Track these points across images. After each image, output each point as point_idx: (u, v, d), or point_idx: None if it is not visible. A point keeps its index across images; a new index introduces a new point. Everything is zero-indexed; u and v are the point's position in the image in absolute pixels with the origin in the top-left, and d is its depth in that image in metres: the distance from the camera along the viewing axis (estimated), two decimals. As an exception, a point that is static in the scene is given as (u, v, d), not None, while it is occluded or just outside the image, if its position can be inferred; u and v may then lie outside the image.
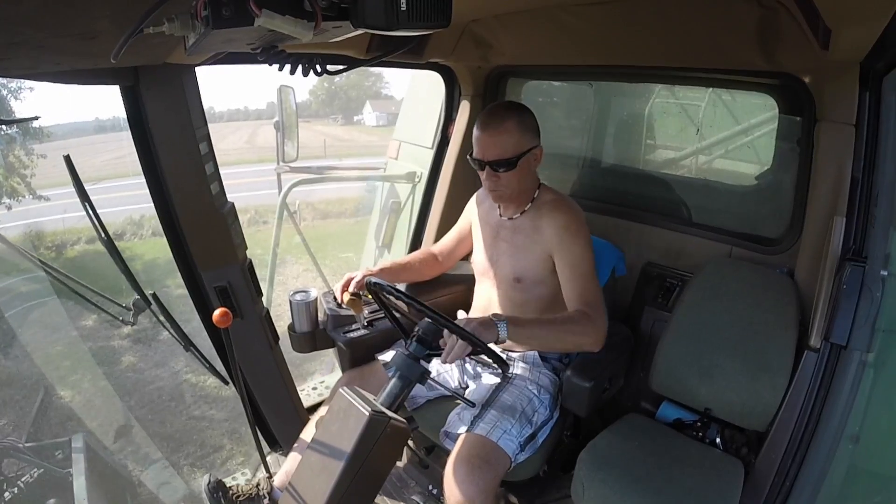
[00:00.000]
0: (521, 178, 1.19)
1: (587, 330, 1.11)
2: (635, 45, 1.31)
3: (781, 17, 1.04)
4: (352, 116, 28.80)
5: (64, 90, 3.34)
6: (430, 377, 1.02)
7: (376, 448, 0.91)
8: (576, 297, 1.17)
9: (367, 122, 26.76)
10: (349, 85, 29.55)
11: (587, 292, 1.16)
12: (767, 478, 1.04)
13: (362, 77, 29.07)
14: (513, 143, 1.16)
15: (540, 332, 1.11)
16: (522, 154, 1.17)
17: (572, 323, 1.12)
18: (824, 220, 1.10)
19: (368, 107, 27.47)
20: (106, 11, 0.62)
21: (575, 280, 1.18)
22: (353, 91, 29.64)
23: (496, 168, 1.17)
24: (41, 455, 1.94)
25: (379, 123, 25.31)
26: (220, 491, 1.18)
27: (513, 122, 1.17)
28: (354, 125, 26.17)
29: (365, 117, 27.48)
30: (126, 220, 8.42)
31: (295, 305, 1.40)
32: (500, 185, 1.19)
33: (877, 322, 0.92)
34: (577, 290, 1.17)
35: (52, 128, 9.83)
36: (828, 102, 1.12)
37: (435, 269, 1.49)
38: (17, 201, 6.84)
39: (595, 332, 1.12)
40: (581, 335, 1.11)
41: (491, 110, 1.22)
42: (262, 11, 0.51)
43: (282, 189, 2.61)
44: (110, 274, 1.18)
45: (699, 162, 1.78)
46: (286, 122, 2.36)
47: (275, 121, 2.36)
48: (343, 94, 29.94)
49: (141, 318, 1.20)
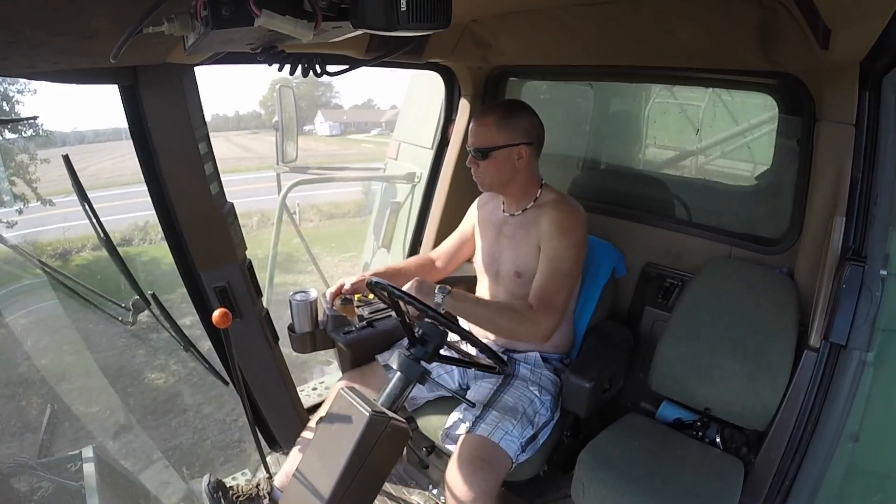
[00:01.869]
0: (497, 170, 1.24)
1: (524, 320, 1.15)
2: (635, 45, 1.31)
3: (781, 17, 1.04)
4: (302, 126, 28.88)
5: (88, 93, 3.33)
6: (430, 377, 1.02)
7: (376, 448, 0.91)
8: (536, 288, 1.19)
9: (318, 131, 26.82)
10: (299, 95, 29.45)
11: (547, 289, 1.18)
12: (767, 477, 1.04)
13: (312, 87, 29.31)
14: (489, 136, 1.22)
15: (475, 309, 1.18)
16: (496, 147, 1.22)
17: (511, 311, 1.17)
18: (824, 219, 1.10)
19: (320, 116, 27.57)
20: (104, 10, 0.62)
21: (544, 273, 1.20)
22: (303, 101, 29.60)
23: (475, 155, 1.25)
24: (54, 470, 1.94)
25: (332, 133, 25.83)
26: (220, 491, 1.18)
27: (494, 117, 1.23)
28: (305, 135, 25.96)
29: (317, 127, 27.58)
30: (147, 223, 8.44)
31: (295, 306, 1.39)
32: (479, 172, 1.26)
33: (876, 321, 0.92)
34: (541, 282, 1.19)
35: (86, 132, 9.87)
36: (827, 102, 1.12)
37: (432, 274, 1.49)
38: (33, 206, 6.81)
39: (533, 326, 1.15)
40: (517, 323, 1.15)
41: (487, 104, 1.32)
42: (262, 11, 0.50)
43: (281, 190, 2.61)
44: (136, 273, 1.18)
45: (699, 162, 1.78)
46: (286, 122, 2.35)
47: (274, 121, 2.35)
48: (299, 104, 29.98)
49: (142, 318, 1.20)
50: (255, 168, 14.48)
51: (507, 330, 1.20)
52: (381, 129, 30.39)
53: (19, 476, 1.92)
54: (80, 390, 3.71)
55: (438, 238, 1.76)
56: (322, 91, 29.50)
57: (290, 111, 2.37)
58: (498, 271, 1.32)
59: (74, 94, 18.32)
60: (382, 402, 0.99)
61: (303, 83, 29.38)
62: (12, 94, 6.87)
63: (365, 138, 25.09)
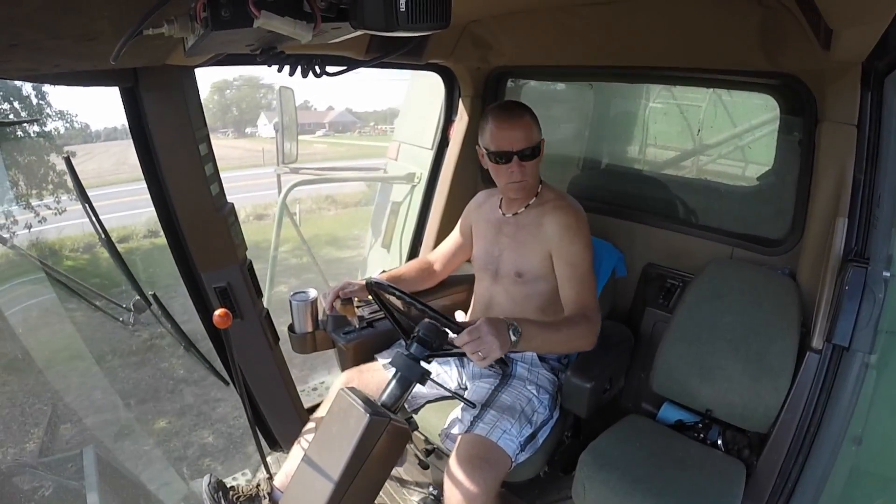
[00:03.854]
0: (538, 167, 1.25)
1: (587, 332, 1.14)
2: (635, 45, 1.31)
3: (783, 18, 1.04)
4: (243, 129, 28.79)
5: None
6: (430, 378, 1.02)
7: (376, 449, 0.91)
8: (574, 297, 1.19)
9: (262, 133, 26.45)
10: (240, 97, 29.49)
11: (585, 294, 1.19)
12: (769, 479, 1.04)
13: (253, 89, 29.26)
14: (532, 134, 1.22)
15: (548, 341, 1.12)
16: (540, 143, 1.23)
17: (576, 327, 1.14)
18: (826, 220, 1.09)
19: (264, 118, 27.34)
20: (105, 13, 0.62)
21: (573, 280, 1.20)
22: (244, 103, 29.43)
23: (524, 157, 1.21)
24: (54, 469, 1.96)
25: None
26: (220, 491, 1.18)
27: (529, 114, 1.24)
28: (248, 137, 25.73)
29: (260, 129, 27.31)
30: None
31: (295, 306, 1.39)
32: (526, 174, 1.22)
33: (879, 323, 0.91)
34: (576, 290, 1.19)
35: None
36: (829, 103, 1.11)
37: (431, 278, 1.49)
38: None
39: (593, 335, 1.15)
40: (581, 338, 1.14)
41: (505, 106, 1.26)
42: (262, 13, 0.50)
43: (281, 190, 2.61)
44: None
45: (700, 162, 1.77)
46: (286, 123, 2.36)
47: (274, 121, 2.36)
48: (234, 106, 29.90)
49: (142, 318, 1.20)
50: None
51: (573, 347, 1.19)
52: (326, 129, 30.19)
53: (20, 475, 1.93)
54: (80, 390, 3.72)
55: (438, 238, 1.76)
56: (263, 93, 29.44)
57: (290, 112, 2.37)
58: (497, 271, 1.32)
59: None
60: (382, 403, 0.99)
61: (243, 85, 29.14)
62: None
63: (314, 139, 25.09)
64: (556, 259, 1.22)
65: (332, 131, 29.78)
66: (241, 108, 29.89)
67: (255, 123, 28.40)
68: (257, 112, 28.55)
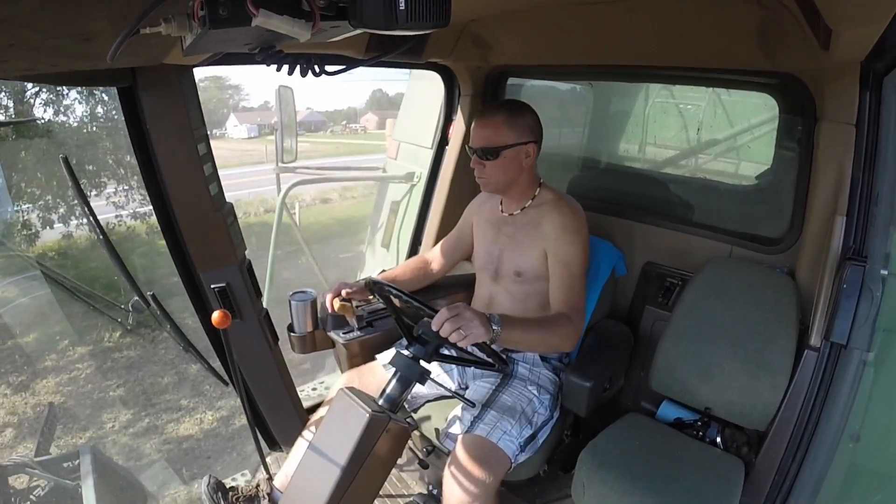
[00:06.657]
0: (505, 170, 1.23)
1: (569, 333, 1.15)
2: (635, 45, 1.31)
3: (782, 17, 1.04)
4: (212, 130, 28.61)
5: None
6: (430, 377, 1.02)
7: (376, 448, 0.91)
8: (562, 297, 1.19)
9: (231, 134, 26.21)
10: (207, 98, 28.83)
11: (574, 295, 1.19)
12: (768, 477, 1.04)
13: (221, 90, 28.87)
14: (498, 136, 1.21)
15: (525, 337, 1.12)
16: (506, 147, 1.21)
17: (556, 326, 1.15)
18: (824, 219, 1.10)
19: (233, 119, 27.06)
20: (103, 12, 0.62)
21: (565, 280, 1.20)
22: (211, 104, 28.89)
23: (481, 156, 1.23)
24: (51, 469, 1.95)
25: (250, 135, 25.15)
26: (219, 492, 1.18)
27: (502, 116, 1.22)
28: (218, 139, 25.27)
29: (229, 130, 27.03)
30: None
31: (294, 306, 1.39)
32: (485, 173, 1.24)
33: (877, 321, 0.92)
34: (565, 290, 1.19)
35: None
36: (828, 102, 1.11)
37: (428, 277, 1.49)
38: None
39: (575, 337, 1.16)
40: (563, 338, 1.15)
41: (488, 104, 1.30)
42: (260, 11, 0.50)
43: (281, 189, 2.61)
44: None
45: (699, 161, 1.77)
46: (286, 122, 2.36)
47: (274, 121, 2.35)
48: (202, 107, 29.60)
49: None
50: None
51: (556, 346, 1.20)
52: (299, 129, 30.24)
53: (17, 475, 1.93)
54: (80, 390, 3.71)
55: (438, 237, 1.76)
56: (230, 94, 29.12)
57: (290, 111, 2.37)
58: (497, 270, 1.32)
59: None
60: (382, 402, 0.99)
61: (210, 86, 28.75)
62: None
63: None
64: (550, 257, 1.23)
65: (303, 131, 29.61)
66: (209, 109, 29.51)
67: (223, 125, 27.95)
68: (225, 113, 28.11)
